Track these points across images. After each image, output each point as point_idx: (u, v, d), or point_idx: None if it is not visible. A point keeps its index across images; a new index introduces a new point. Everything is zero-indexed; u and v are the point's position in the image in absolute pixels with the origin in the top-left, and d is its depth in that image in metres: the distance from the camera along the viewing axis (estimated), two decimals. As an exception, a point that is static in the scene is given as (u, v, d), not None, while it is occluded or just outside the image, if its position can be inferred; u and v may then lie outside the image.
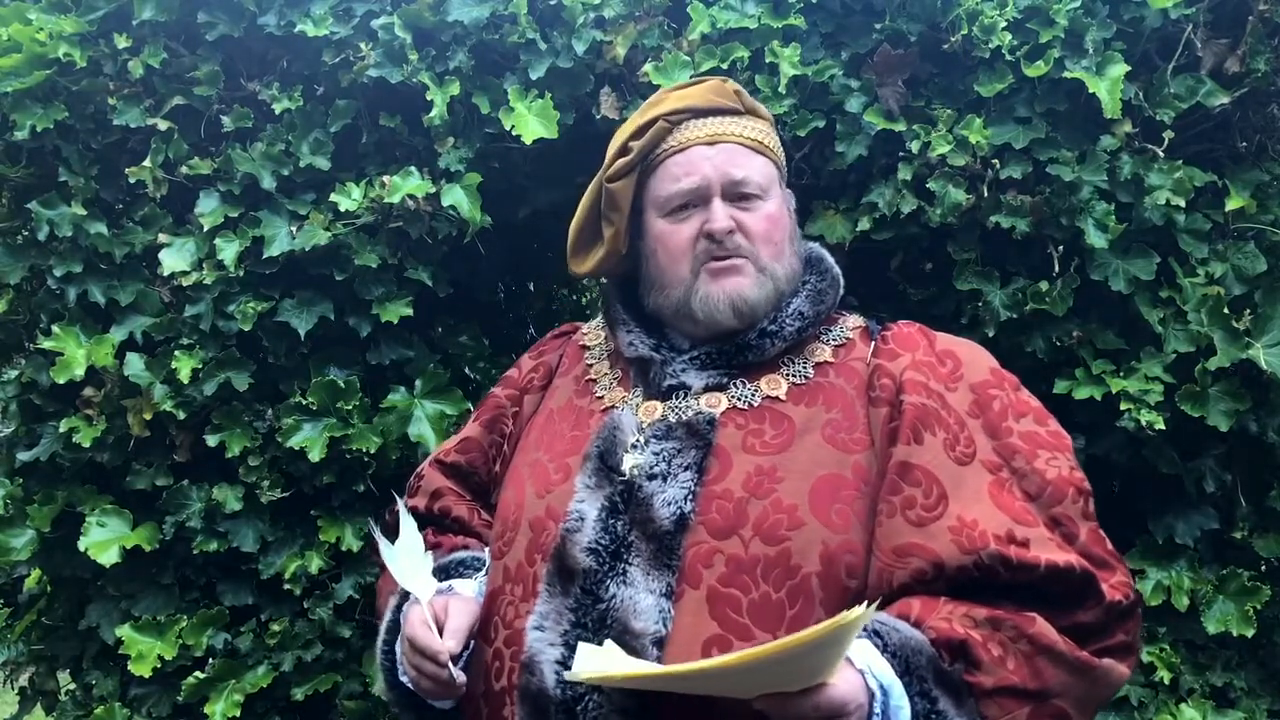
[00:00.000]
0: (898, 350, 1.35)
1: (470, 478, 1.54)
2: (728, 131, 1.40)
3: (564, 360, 1.56)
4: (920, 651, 1.10)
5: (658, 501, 1.25)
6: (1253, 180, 1.86)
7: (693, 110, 1.41)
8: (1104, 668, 1.15)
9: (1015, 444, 1.26)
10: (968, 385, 1.31)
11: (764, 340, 1.35)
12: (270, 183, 1.98)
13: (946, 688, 1.09)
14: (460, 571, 1.43)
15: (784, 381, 1.35)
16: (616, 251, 1.46)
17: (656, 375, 1.38)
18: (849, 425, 1.29)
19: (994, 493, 1.20)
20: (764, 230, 1.37)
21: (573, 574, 1.24)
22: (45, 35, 1.94)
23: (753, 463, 1.27)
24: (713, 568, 1.20)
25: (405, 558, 1.36)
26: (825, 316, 1.42)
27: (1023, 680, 1.11)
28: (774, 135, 1.48)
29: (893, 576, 1.18)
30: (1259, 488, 1.90)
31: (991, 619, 1.13)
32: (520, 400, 1.55)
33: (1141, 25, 1.83)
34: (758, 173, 1.39)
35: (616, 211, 1.43)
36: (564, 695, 1.18)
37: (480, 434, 1.54)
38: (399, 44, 1.92)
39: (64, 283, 2.01)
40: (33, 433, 2.09)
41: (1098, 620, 1.16)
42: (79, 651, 2.18)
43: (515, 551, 1.33)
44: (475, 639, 1.33)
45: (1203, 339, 1.79)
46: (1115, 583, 1.18)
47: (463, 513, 1.52)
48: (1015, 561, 1.14)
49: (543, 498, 1.34)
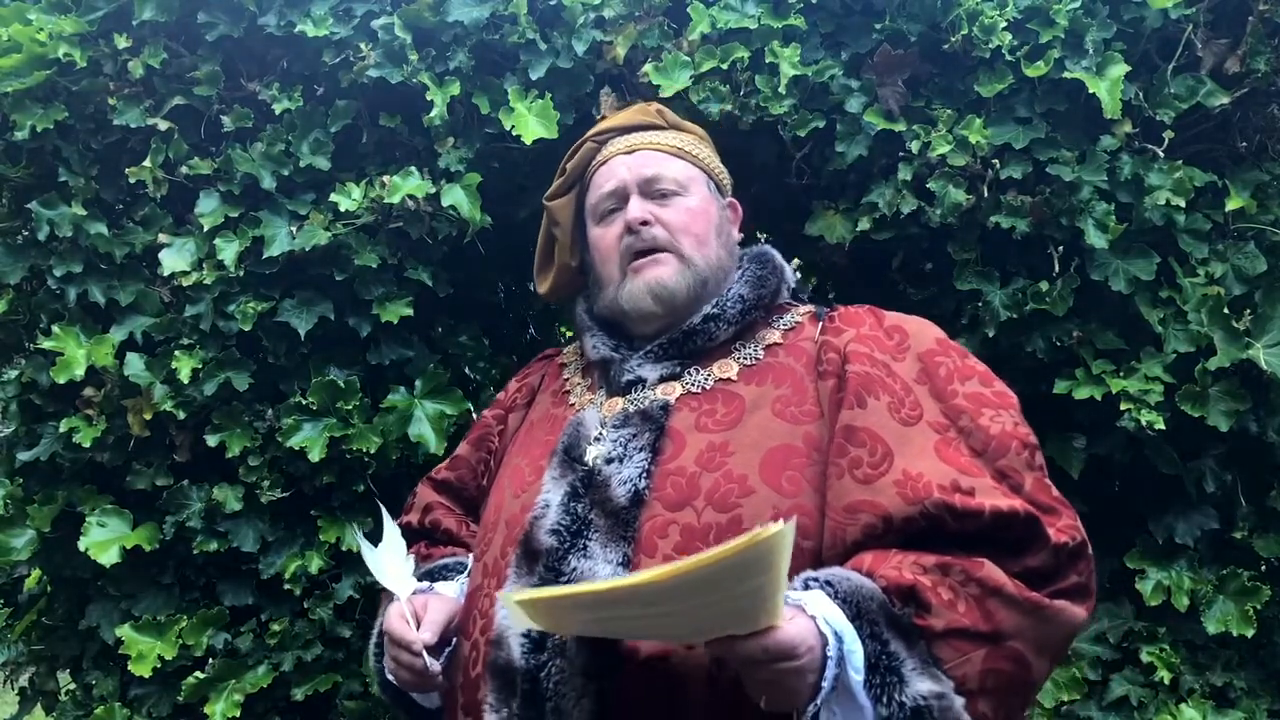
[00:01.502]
0: (843, 327, 1.39)
1: (460, 493, 1.63)
2: (645, 141, 1.53)
3: (545, 379, 1.64)
4: (871, 598, 1.11)
5: (614, 481, 1.30)
6: (1253, 180, 1.86)
7: (616, 129, 1.56)
8: (1056, 608, 1.16)
9: (960, 404, 1.29)
10: (915, 354, 1.35)
11: (709, 325, 1.42)
12: (270, 183, 1.98)
13: (898, 631, 1.10)
14: (444, 575, 1.50)
15: (735, 364, 1.40)
16: (566, 265, 1.59)
17: (616, 372, 1.45)
18: (798, 399, 1.34)
19: (940, 449, 1.23)
20: (682, 222, 1.45)
21: (537, 554, 1.29)
22: (45, 35, 1.94)
23: (705, 440, 1.32)
24: (668, 538, 1.24)
25: (386, 558, 1.43)
26: (769, 301, 1.47)
27: (974, 622, 1.12)
28: (702, 146, 1.58)
29: (845, 534, 1.20)
30: (1259, 488, 1.90)
31: (940, 565, 1.14)
32: (505, 419, 1.63)
33: (1141, 25, 1.83)
34: (674, 171, 1.49)
35: (559, 227, 1.57)
36: (529, 665, 1.22)
37: (469, 452, 1.64)
38: (399, 44, 1.92)
39: (64, 283, 2.01)
40: (33, 433, 2.09)
41: (1047, 564, 1.17)
42: (79, 651, 2.18)
43: (493, 549, 1.39)
44: (456, 636, 1.38)
45: (1203, 339, 1.79)
46: (1061, 526, 1.20)
47: (451, 525, 1.60)
48: (960, 509, 1.16)
49: (518, 497, 1.40)
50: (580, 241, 1.57)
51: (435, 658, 1.31)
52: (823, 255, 2.06)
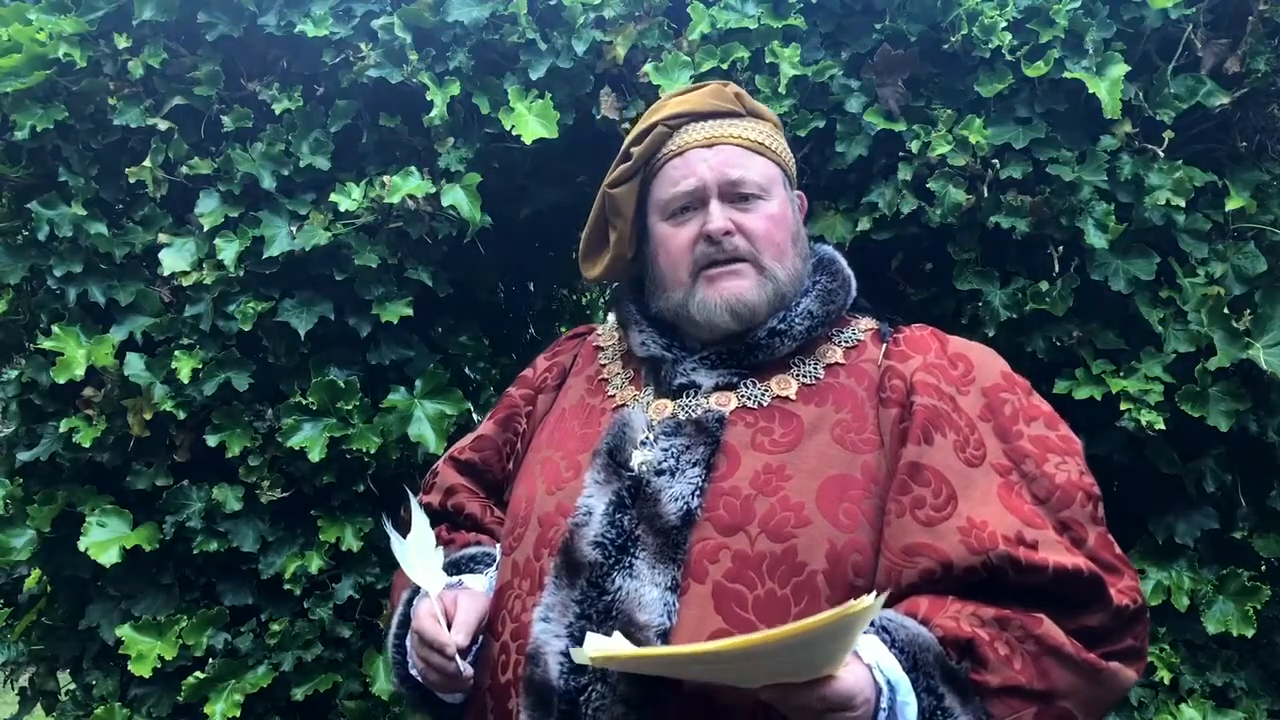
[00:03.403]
0: (909, 352, 1.34)
1: (484, 475, 1.55)
2: (725, 133, 1.41)
3: (578, 360, 1.57)
4: (928, 649, 1.09)
5: (665, 496, 1.25)
6: (1253, 180, 1.86)
7: (692, 114, 1.42)
8: (1110, 670, 1.15)
9: (1025, 448, 1.25)
10: (979, 389, 1.31)
11: (773, 340, 1.35)
12: (270, 183, 1.98)
13: (953, 685, 1.09)
14: (471, 567, 1.43)
15: (794, 382, 1.34)
16: (622, 256, 1.48)
17: (667, 374, 1.38)
18: (858, 426, 1.29)
19: (1003, 495, 1.20)
20: (764, 230, 1.37)
21: (579, 567, 1.24)
22: (45, 35, 1.94)
23: (761, 460, 1.27)
24: (719, 563, 1.20)
25: (416, 552, 1.36)
26: (835, 317, 1.41)
27: (1029, 680, 1.10)
28: (778, 138, 1.47)
29: (901, 576, 1.18)
30: (1259, 488, 1.90)
31: (999, 619, 1.12)
32: (534, 399, 1.55)
33: (1141, 25, 1.83)
34: (756, 173, 1.39)
35: (619, 217, 1.45)
36: (568, 686, 1.18)
37: (494, 432, 1.55)
38: (399, 44, 1.92)
39: (64, 283, 2.01)
40: (33, 433, 2.09)
41: (1104, 624, 1.15)
42: (79, 651, 2.18)
43: (524, 547, 1.34)
44: (483, 634, 1.33)
45: (1203, 339, 1.79)
46: (1123, 588, 1.18)
47: (475, 510, 1.53)
48: (1024, 563, 1.13)
49: (553, 494, 1.35)
50: (639, 232, 1.47)
51: (463, 656, 1.27)
52: (823, 255, 2.06)
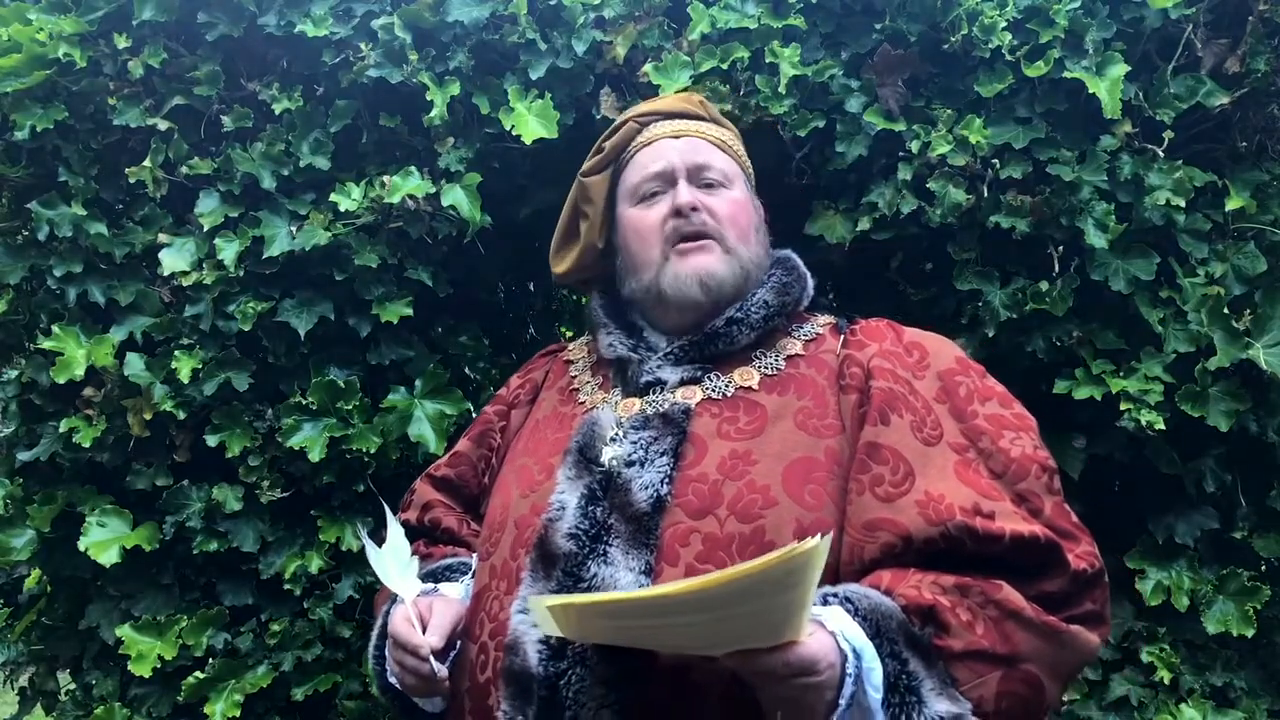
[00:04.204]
0: (866, 341, 1.39)
1: (460, 491, 1.59)
2: (692, 129, 1.51)
3: (550, 375, 1.61)
4: (890, 616, 1.11)
5: (635, 485, 1.28)
6: (1253, 180, 1.86)
7: (660, 113, 1.54)
8: (1072, 633, 1.17)
9: (980, 425, 1.29)
10: (935, 373, 1.35)
11: (731, 328, 1.40)
12: (270, 183, 1.98)
13: (917, 650, 1.11)
14: (448, 576, 1.46)
15: (756, 373, 1.39)
16: (593, 245, 1.54)
17: (634, 373, 1.42)
18: (820, 412, 1.33)
19: (960, 471, 1.23)
20: (729, 213, 1.44)
21: (554, 559, 1.26)
22: (45, 35, 1.94)
23: (727, 447, 1.30)
24: (689, 546, 1.23)
25: (391, 560, 1.39)
26: (792, 310, 1.46)
27: (992, 644, 1.12)
28: (738, 145, 1.57)
29: (863, 551, 1.20)
30: (1259, 488, 1.90)
31: (959, 586, 1.15)
32: (508, 415, 1.60)
33: (1141, 25, 1.83)
34: (720, 163, 1.48)
35: (591, 204, 1.53)
36: (547, 672, 1.20)
37: (469, 448, 1.60)
38: (399, 44, 1.92)
39: (64, 283, 2.01)
40: (33, 433, 2.09)
41: (1063, 589, 1.18)
42: (79, 651, 2.18)
43: (501, 550, 1.36)
44: (461, 639, 1.35)
45: (1203, 339, 1.79)
46: (1080, 552, 1.20)
47: (452, 523, 1.57)
48: (981, 533, 1.16)
49: (527, 497, 1.37)
50: (609, 223, 1.54)
51: (440, 661, 1.28)
52: (822, 255, 2.05)
